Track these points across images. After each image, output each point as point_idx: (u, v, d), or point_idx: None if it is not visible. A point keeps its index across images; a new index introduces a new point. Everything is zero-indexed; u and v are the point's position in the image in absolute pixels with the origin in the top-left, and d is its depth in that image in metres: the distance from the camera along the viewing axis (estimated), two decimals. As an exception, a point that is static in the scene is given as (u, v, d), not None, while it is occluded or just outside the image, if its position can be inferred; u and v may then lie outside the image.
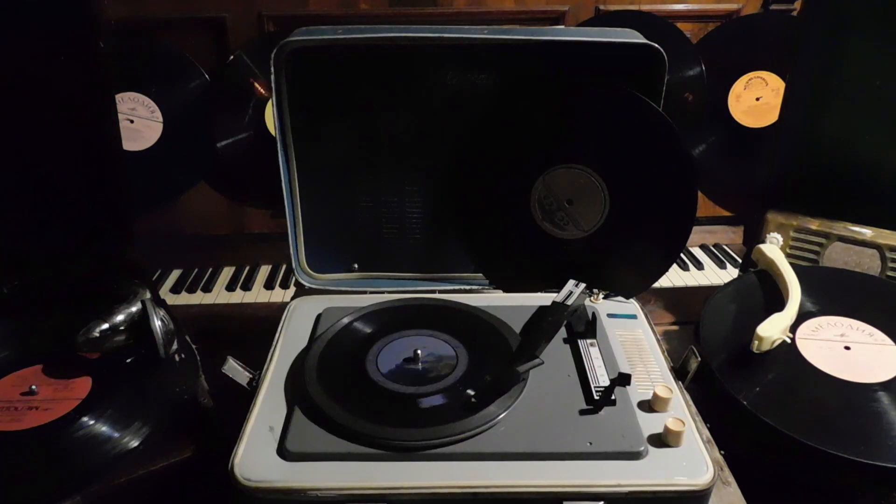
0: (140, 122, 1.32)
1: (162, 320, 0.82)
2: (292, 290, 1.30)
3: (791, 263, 0.95)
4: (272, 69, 0.86)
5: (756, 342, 0.80)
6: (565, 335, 0.82)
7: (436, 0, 1.39)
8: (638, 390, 0.73)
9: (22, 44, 0.86)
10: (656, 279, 0.94)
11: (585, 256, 0.94)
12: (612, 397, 0.70)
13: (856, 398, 0.76)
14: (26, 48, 0.87)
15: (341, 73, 0.90)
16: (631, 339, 0.84)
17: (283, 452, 0.65)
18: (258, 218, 1.40)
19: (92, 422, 0.74)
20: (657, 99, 0.87)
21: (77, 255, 0.95)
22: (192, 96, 1.34)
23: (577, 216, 0.93)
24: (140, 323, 0.83)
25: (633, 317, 0.89)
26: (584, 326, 0.82)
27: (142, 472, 0.71)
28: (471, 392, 0.70)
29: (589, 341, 0.80)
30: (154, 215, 1.35)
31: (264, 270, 1.38)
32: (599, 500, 0.62)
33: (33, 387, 0.77)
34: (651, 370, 0.78)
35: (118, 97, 1.28)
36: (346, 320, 0.84)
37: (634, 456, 0.65)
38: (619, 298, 0.92)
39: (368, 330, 0.83)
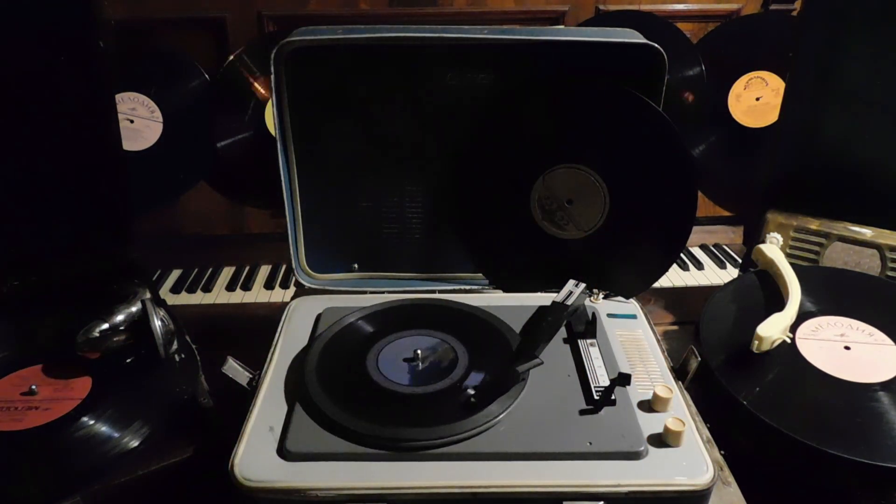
0: (140, 122, 1.32)
1: (162, 320, 0.82)
2: (292, 290, 1.30)
3: (791, 263, 0.95)
4: (272, 69, 0.86)
5: (756, 342, 0.80)
6: (565, 335, 0.82)
7: (436, 0, 1.39)
8: (638, 390, 0.73)
9: (22, 44, 0.86)
10: (656, 279, 0.94)
11: (585, 256, 0.94)
12: (612, 397, 0.70)
13: (856, 398, 0.76)
14: (27, 48, 0.87)
15: (341, 73, 0.90)
16: (631, 339, 0.84)
17: (283, 452, 0.65)
18: (258, 218, 1.40)
19: (92, 422, 0.74)
20: (657, 99, 0.87)
21: (77, 255, 0.95)
22: (192, 96, 1.34)
23: (577, 216, 0.93)
24: (140, 323, 0.82)
25: (633, 317, 0.89)
26: (584, 326, 0.82)
27: (142, 472, 0.71)
28: (471, 392, 0.70)
29: (589, 341, 0.80)
30: (154, 215, 1.35)
31: (264, 270, 1.38)
32: (599, 500, 0.62)
33: (33, 387, 0.77)
34: (651, 370, 0.78)
35: (118, 97, 1.28)
36: (346, 320, 0.84)
37: (634, 456, 0.65)
38: (619, 298, 0.92)
39: (368, 330, 0.83)
